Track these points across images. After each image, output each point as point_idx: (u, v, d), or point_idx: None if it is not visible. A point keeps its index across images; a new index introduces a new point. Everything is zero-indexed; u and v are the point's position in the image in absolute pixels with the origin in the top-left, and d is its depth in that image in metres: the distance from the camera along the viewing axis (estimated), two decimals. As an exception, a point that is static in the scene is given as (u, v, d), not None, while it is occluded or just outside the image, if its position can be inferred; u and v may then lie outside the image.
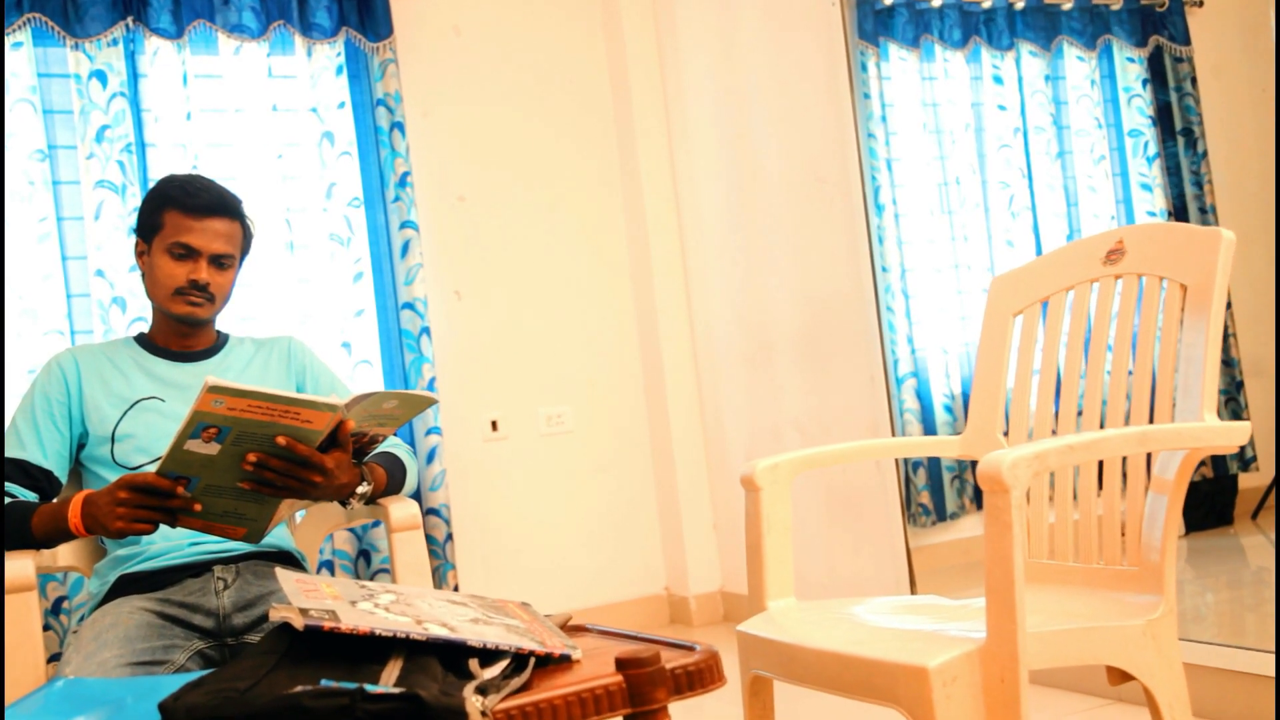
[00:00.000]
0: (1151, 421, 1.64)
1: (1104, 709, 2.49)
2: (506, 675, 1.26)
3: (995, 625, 1.35)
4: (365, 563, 3.43)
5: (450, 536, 3.50)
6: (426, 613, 1.34)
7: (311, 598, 1.27)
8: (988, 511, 1.36)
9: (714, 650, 1.31)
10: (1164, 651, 1.51)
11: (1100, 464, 1.74)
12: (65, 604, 3.03)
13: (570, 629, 1.54)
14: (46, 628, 3.02)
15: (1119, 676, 1.53)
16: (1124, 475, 1.72)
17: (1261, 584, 3.67)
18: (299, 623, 1.20)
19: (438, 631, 1.25)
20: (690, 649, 1.35)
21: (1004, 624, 1.34)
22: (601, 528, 3.92)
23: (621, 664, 1.26)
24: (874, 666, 1.41)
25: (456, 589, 3.51)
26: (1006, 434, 1.89)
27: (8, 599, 1.76)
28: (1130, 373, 1.68)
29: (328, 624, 1.20)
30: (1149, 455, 1.64)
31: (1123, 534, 1.67)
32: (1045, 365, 1.84)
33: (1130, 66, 4.83)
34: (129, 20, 3.22)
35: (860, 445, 1.96)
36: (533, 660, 1.31)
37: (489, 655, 1.29)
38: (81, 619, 1.93)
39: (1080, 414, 1.76)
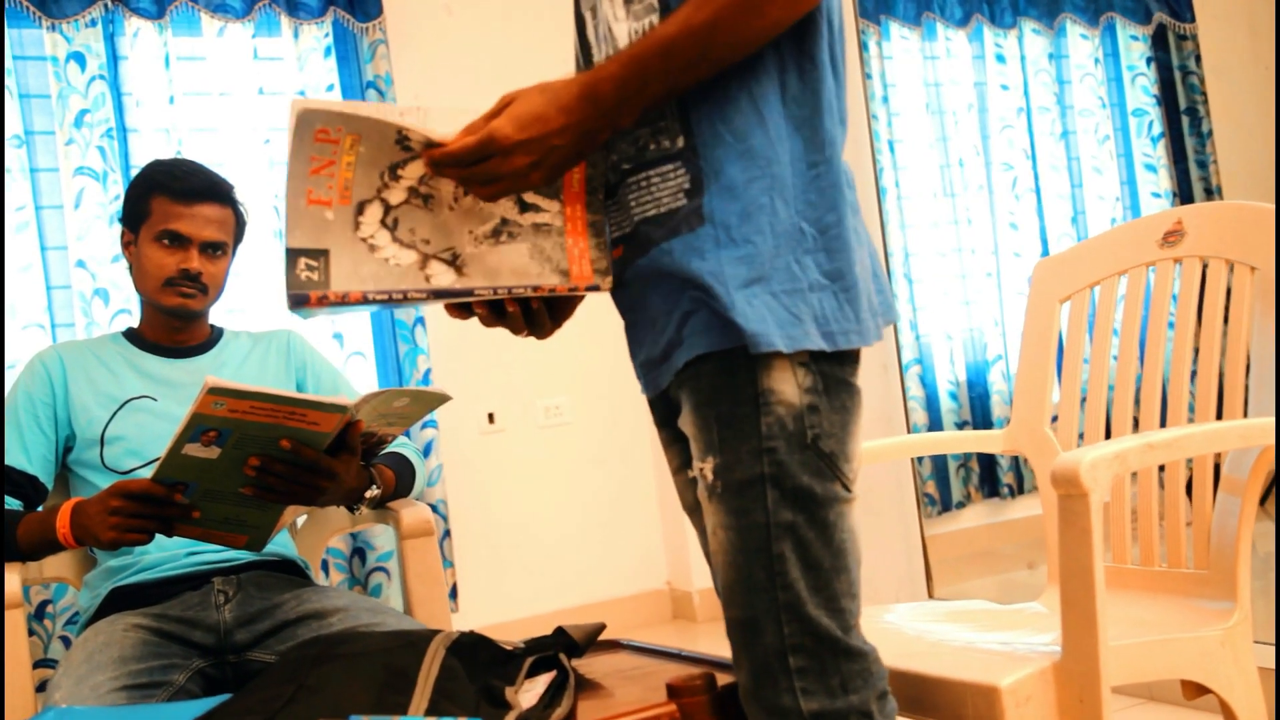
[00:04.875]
0: (1220, 417, 1.54)
1: (1138, 709, 2.41)
2: (546, 704, 1.15)
3: (1073, 640, 1.25)
4: (360, 561, 3.31)
5: (448, 533, 3.39)
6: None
7: (314, 206, 1.05)
8: (1063, 517, 1.25)
9: (771, 671, 1.20)
10: (1240, 661, 1.41)
11: (1159, 460, 1.64)
12: (50, 608, 2.91)
13: (603, 644, 1.43)
14: (30, 633, 2.90)
15: (1194, 690, 1.43)
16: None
17: (1271, 571, 3.60)
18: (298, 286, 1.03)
19: (443, 280, 1.07)
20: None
21: (1084, 639, 1.23)
22: (601, 521, 3.82)
23: (674, 691, 1.15)
24: (938, 685, 1.31)
25: (454, 590, 3.40)
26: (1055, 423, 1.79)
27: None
28: (1194, 360, 1.58)
29: (315, 294, 1.03)
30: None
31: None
32: (1096, 355, 1.74)
33: (1134, 44, 4.73)
34: (107, 0, 3.08)
35: (898, 442, 1.86)
36: (573, 682, 1.21)
37: (518, 664, 1.18)
38: (68, 624, 1.80)
39: (1138, 408, 1.66)
